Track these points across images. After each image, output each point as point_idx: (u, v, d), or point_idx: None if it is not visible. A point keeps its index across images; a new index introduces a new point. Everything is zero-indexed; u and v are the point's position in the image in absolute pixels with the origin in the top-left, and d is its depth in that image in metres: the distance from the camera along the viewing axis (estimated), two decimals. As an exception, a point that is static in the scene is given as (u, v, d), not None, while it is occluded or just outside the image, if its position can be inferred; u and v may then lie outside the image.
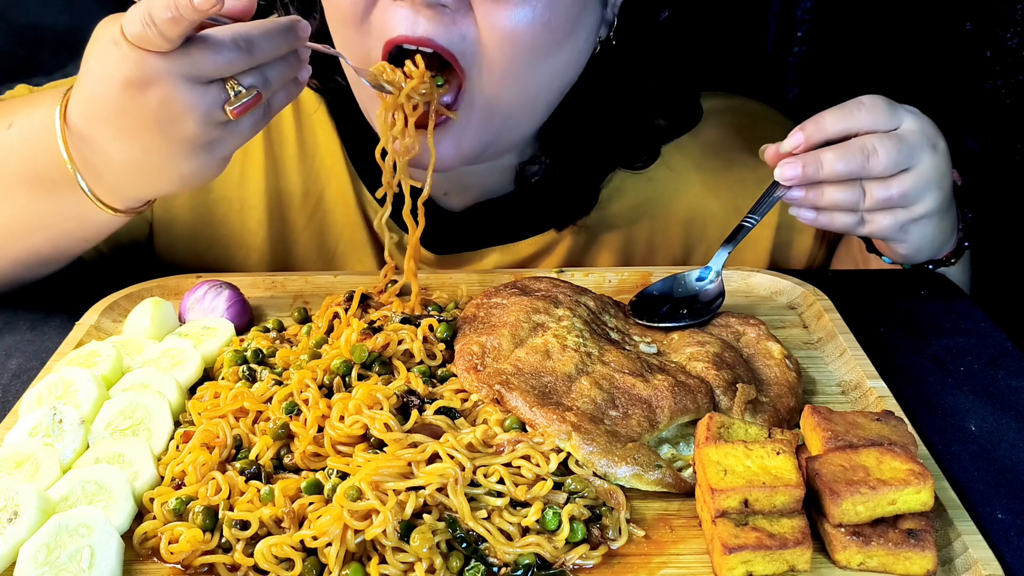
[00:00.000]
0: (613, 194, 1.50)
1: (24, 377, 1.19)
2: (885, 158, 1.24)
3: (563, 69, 1.30)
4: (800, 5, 1.98)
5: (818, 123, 1.28)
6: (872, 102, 1.28)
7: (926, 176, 1.27)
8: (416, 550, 0.89)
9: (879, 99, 1.29)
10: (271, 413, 1.05)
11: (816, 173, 1.26)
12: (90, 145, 1.11)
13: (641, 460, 0.99)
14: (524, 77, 1.25)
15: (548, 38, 1.22)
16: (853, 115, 1.28)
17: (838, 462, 0.92)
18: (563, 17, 1.22)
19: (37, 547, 0.87)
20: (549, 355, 1.11)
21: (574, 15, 1.24)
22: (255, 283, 1.37)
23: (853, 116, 1.28)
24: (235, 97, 1.05)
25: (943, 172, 1.30)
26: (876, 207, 1.27)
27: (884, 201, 1.27)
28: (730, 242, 1.30)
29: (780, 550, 0.87)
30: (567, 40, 1.26)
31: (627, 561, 0.92)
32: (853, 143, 1.26)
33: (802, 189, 1.28)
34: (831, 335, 1.25)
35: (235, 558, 0.91)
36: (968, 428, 1.14)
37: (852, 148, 1.25)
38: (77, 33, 1.94)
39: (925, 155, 1.27)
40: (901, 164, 1.26)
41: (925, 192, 1.28)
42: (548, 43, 1.23)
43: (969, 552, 0.90)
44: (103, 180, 1.15)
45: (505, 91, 1.25)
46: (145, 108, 1.04)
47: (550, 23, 1.21)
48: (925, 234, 1.34)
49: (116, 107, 1.06)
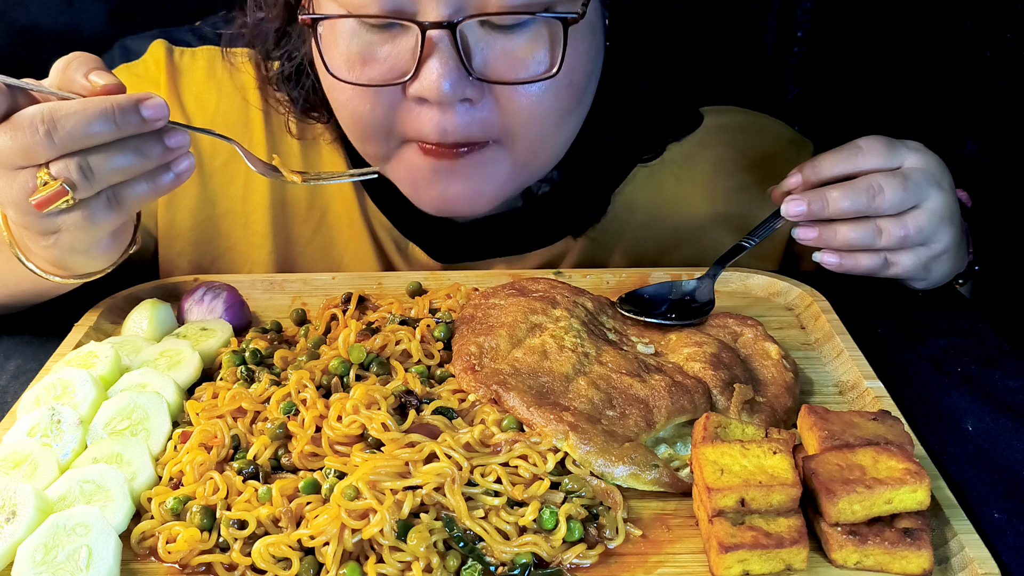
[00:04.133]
0: (622, 206, 1.50)
1: (23, 378, 1.20)
2: (891, 195, 1.26)
3: (585, 109, 1.29)
4: (800, 5, 1.98)
5: (815, 165, 1.31)
6: (869, 144, 1.31)
7: (938, 212, 1.29)
8: (413, 549, 0.89)
9: (877, 140, 1.31)
10: (269, 414, 1.05)
11: (822, 210, 1.28)
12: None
13: (638, 460, 0.99)
14: (551, 137, 1.25)
15: (573, 97, 1.21)
16: (852, 158, 1.30)
17: (834, 461, 0.92)
18: (583, 75, 1.21)
19: (35, 546, 0.88)
20: (546, 355, 1.11)
21: (592, 66, 1.23)
22: (253, 284, 1.38)
23: (852, 159, 1.30)
24: (41, 187, 0.98)
25: (953, 208, 1.32)
26: (896, 246, 1.29)
27: (902, 239, 1.29)
28: (726, 260, 1.33)
29: (776, 549, 0.87)
30: (590, 83, 1.25)
31: (624, 560, 0.92)
32: (859, 181, 1.28)
33: (815, 230, 1.29)
34: (828, 336, 1.25)
35: (233, 557, 0.91)
36: (965, 428, 1.14)
37: (858, 186, 1.27)
38: (77, 33, 1.95)
39: (933, 192, 1.29)
40: (908, 201, 1.28)
41: (940, 227, 1.30)
42: (572, 102, 1.22)
43: (965, 551, 0.91)
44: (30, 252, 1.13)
45: (534, 155, 1.26)
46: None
47: (572, 85, 1.20)
48: (945, 270, 1.37)
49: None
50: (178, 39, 1.49)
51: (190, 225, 1.49)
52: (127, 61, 1.48)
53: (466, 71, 1.13)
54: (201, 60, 1.47)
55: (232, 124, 1.46)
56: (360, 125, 1.25)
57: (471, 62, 1.13)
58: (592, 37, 1.22)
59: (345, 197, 1.48)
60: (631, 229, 1.50)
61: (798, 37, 2.01)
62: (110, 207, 1.04)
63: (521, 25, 1.13)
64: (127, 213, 1.07)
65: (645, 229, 1.51)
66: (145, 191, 1.05)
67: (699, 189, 1.51)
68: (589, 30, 1.20)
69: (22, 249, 1.13)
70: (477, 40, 1.14)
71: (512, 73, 1.15)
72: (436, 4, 1.10)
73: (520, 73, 1.15)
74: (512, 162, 1.25)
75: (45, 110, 0.97)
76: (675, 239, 1.52)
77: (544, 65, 1.15)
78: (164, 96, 1.43)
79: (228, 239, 1.50)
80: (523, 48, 1.14)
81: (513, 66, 1.15)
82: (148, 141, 1.01)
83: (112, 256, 1.16)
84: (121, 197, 1.04)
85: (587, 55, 1.21)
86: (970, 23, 1.91)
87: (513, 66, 1.15)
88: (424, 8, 1.11)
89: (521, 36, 1.14)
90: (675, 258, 1.50)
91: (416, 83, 1.14)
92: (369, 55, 1.17)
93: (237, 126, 1.45)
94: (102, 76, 1.02)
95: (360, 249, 1.50)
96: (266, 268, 1.50)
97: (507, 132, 1.21)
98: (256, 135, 1.46)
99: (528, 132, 1.21)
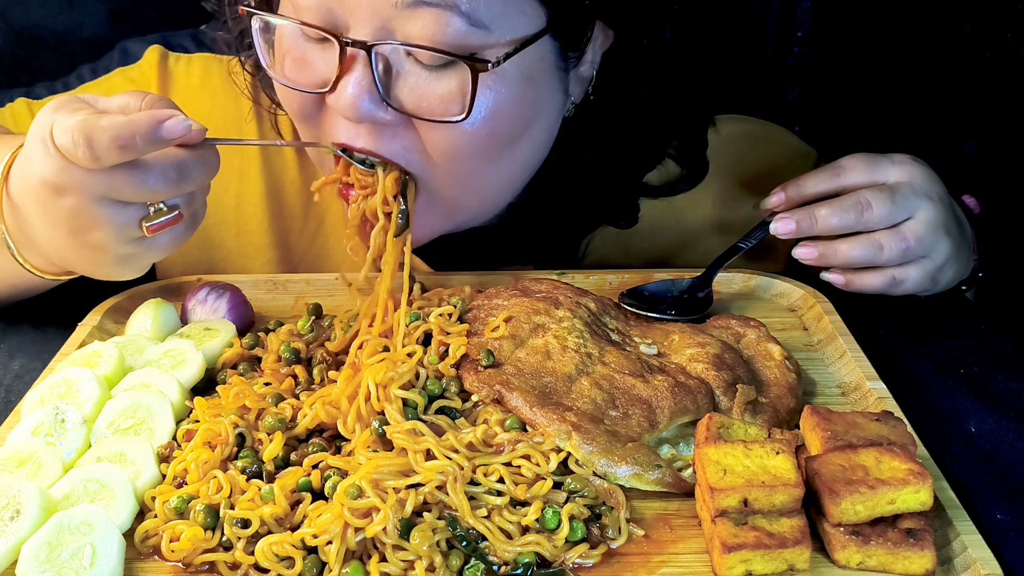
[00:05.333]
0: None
1: (27, 377, 1.20)
2: (879, 210, 1.29)
3: (526, 157, 1.26)
4: (800, 5, 1.99)
5: (798, 184, 1.34)
6: (851, 162, 1.34)
7: (932, 222, 1.30)
8: (416, 548, 0.89)
9: (859, 157, 1.33)
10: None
11: (811, 228, 1.31)
12: (21, 215, 1.10)
13: (641, 460, 1.00)
14: (478, 178, 1.23)
15: (495, 144, 1.19)
16: (834, 176, 1.33)
17: (837, 462, 0.92)
18: (510, 123, 1.19)
19: (39, 545, 0.88)
20: (549, 356, 1.11)
21: (526, 116, 1.20)
22: (256, 285, 1.38)
23: (835, 177, 1.33)
24: (154, 214, 1.05)
25: (947, 218, 1.33)
26: (899, 259, 1.31)
27: (905, 252, 1.30)
28: (723, 260, 1.35)
29: (779, 549, 0.88)
30: (523, 136, 1.22)
31: (626, 560, 0.92)
32: (846, 197, 1.31)
33: (815, 249, 1.32)
34: (831, 337, 1.25)
35: (236, 556, 0.91)
36: (968, 429, 1.14)
37: (846, 203, 1.30)
38: (77, 33, 1.96)
39: (922, 203, 1.30)
40: (897, 215, 1.30)
41: (937, 237, 1.31)
42: (497, 148, 1.20)
43: (968, 552, 0.91)
44: (31, 248, 1.14)
45: (462, 192, 1.24)
46: (59, 210, 1.03)
47: (494, 133, 1.17)
48: (949, 278, 1.38)
49: (38, 198, 1.05)
50: (176, 44, 1.49)
51: None
52: (124, 64, 1.48)
53: (379, 95, 1.13)
54: (196, 67, 1.46)
55: (225, 134, 1.43)
56: (291, 112, 1.26)
57: (388, 88, 1.13)
58: (528, 87, 1.18)
59: (343, 209, 1.47)
60: (637, 236, 1.50)
61: (798, 37, 2.01)
62: (191, 227, 1.11)
63: (444, 65, 1.12)
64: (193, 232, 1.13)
65: (652, 236, 1.50)
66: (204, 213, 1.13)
67: (706, 197, 1.50)
68: (523, 81, 1.17)
69: (18, 246, 1.14)
70: (399, 69, 1.13)
71: (426, 108, 1.14)
72: (363, 25, 1.10)
73: (433, 110, 1.14)
74: (441, 206, 1.24)
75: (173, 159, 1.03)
76: (681, 245, 1.52)
77: (457, 107, 1.13)
78: None
79: (222, 250, 1.49)
80: (441, 87, 1.13)
81: (428, 101, 1.13)
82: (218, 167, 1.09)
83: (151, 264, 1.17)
84: (197, 219, 1.12)
85: (518, 104, 1.18)
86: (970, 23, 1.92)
87: (428, 101, 1.13)
88: (353, 27, 1.12)
89: (441, 75, 1.13)
90: (680, 264, 1.50)
91: (332, 96, 1.15)
92: (301, 57, 1.17)
93: (230, 135, 1.44)
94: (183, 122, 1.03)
95: (358, 258, 1.49)
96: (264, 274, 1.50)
97: (427, 166, 1.19)
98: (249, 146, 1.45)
99: (447, 170, 1.19)
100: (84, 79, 1.49)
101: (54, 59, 1.96)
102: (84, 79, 1.49)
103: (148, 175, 1.01)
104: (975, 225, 1.43)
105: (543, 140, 1.27)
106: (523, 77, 1.16)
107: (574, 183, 1.35)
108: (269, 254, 1.49)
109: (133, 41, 1.52)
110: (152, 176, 1.02)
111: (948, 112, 1.95)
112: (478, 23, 1.09)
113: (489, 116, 1.15)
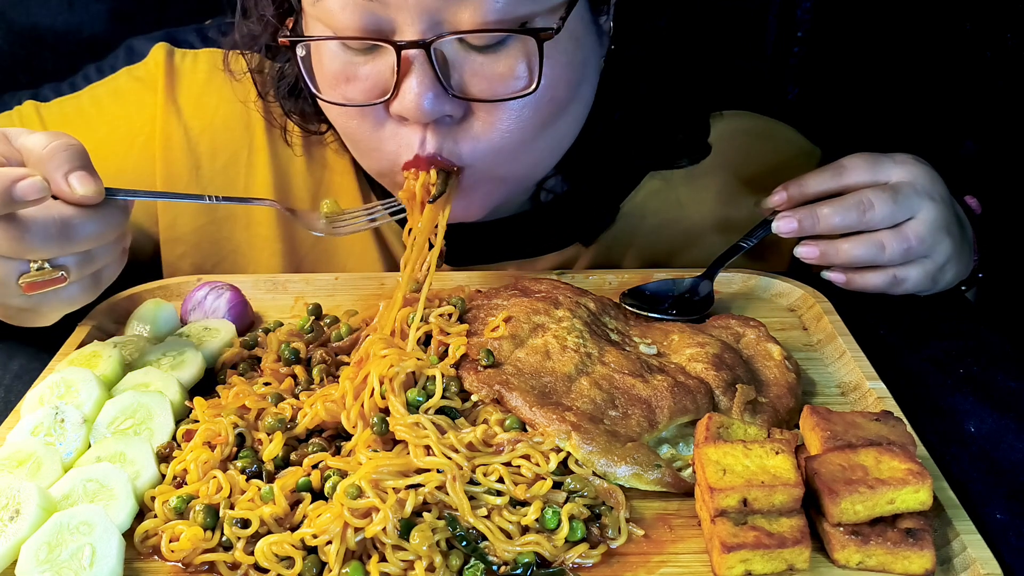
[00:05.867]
0: (633, 211, 1.49)
1: (26, 377, 1.20)
2: (881, 209, 1.29)
3: (574, 119, 1.27)
4: (800, 5, 1.99)
5: (800, 184, 1.35)
6: (853, 162, 1.34)
7: (934, 222, 1.31)
8: (416, 548, 0.89)
9: (861, 157, 1.34)
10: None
11: (813, 227, 1.31)
12: None
13: (640, 460, 1.00)
14: (530, 151, 1.23)
15: (554, 111, 1.19)
16: (836, 176, 1.33)
17: (837, 462, 0.92)
18: (566, 87, 1.19)
19: (39, 545, 0.88)
20: (549, 355, 1.11)
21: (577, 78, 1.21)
22: (256, 284, 1.38)
23: (837, 177, 1.33)
24: (36, 272, 0.99)
25: (948, 218, 1.33)
26: (900, 259, 1.31)
27: (906, 252, 1.31)
28: (724, 260, 1.35)
29: (779, 549, 0.88)
30: (580, 92, 1.23)
31: (626, 560, 0.92)
32: (848, 197, 1.31)
33: (817, 248, 1.32)
34: (831, 337, 1.25)
35: (236, 556, 0.91)
36: (967, 429, 1.14)
37: (848, 202, 1.31)
38: (77, 33, 1.96)
39: (924, 203, 1.31)
40: (899, 214, 1.30)
41: (938, 237, 1.32)
42: (554, 114, 1.20)
43: (968, 552, 0.91)
44: None
45: (511, 169, 1.24)
46: None
47: (554, 99, 1.18)
48: (949, 279, 1.38)
49: None
50: (182, 40, 1.49)
51: (191, 229, 1.48)
52: (131, 63, 1.48)
53: (443, 88, 1.12)
54: (203, 63, 1.46)
55: (232, 129, 1.45)
56: (351, 141, 1.26)
57: (449, 79, 1.13)
58: (576, 48, 1.19)
59: (352, 199, 1.47)
60: (642, 233, 1.50)
61: (798, 37, 2.01)
62: (87, 290, 1.07)
63: (498, 43, 1.12)
64: (99, 292, 1.10)
65: (655, 233, 1.51)
66: (115, 271, 1.10)
67: (710, 194, 1.51)
68: (571, 42, 1.18)
69: None
70: (455, 58, 1.13)
71: (491, 90, 1.14)
72: (411, 24, 1.09)
73: (499, 90, 1.14)
74: (491, 180, 1.24)
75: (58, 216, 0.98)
76: (685, 243, 1.52)
77: (523, 81, 1.13)
78: (161, 101, 1.44)
79: (230, 242, 1.50)
80: (501, 65, 1.13)
81: (491, 83, 1.13)
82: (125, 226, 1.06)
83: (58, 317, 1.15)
84: (101, 280, 1.08)
85: (571, 67, 1.19)
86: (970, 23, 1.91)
87: (491, 83, 1.13)
88: (401, 28, 1.11)
89: (499, 53, 1.13)
90: (683, 261, 1.50)
91: (396, 102, 1.14)
92: (351, 74, 1.16)
93: (237, 131, 1.45)
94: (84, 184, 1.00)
95: (366, 251, 1.49)
96: (271, 271, 1.49)
97: (485, 152, 1.19)
98: (257, 139, 1.45)
99: (503, 147, 1.19)
100: (91, 79, 1.49)
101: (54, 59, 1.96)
102: (91, 79, 1.49)
103: (26, 231, 0.97)
104: (976, 226, 1.43)
105: (588, 99, 1.28)
106: (571, 38, 1.17)
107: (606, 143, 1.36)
108: (276, 246, 1.49)
109: (139, 39, 1.52)
110: (30, 233, 0.97)
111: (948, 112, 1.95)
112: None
113: (550, 84, 1.15)
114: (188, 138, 1.44)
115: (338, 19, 1.12)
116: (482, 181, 1.22)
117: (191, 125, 1.44)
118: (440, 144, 1.16)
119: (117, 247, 1.07)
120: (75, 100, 1.48)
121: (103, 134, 1.44)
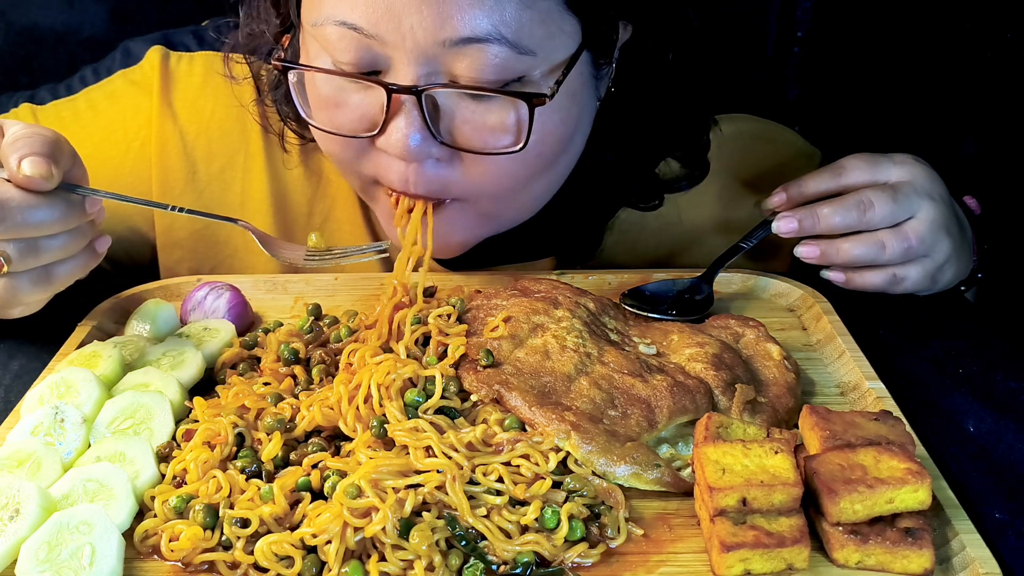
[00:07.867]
0: (635, 212, 1.49)
1: (26, 377, 1.20)
2: (881, 209, 1.29)
3: (566, 164, 1.27)
4: (800, 5, 1.99)
5: (800, 184, 1.35)
6: (853, 162, 1.34)
7: (934, 222, 1.31)
8: (415, 548, 0.89)
9: (860, 157, 1.34)
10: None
11: (813, 227, 1.32)
12: None
13: (640, 459, 1.00)
14: (522, 194, 1.23)
15: (543, 164, 1.19)
16: (836, 176, 1.34)
17: (836, 461, 0.92)
18: (557, 143, 1.19)
19: (38, 544, 0.88)
20: (548, 355, 1.11)
21: (570, 132, 1.20)
22: (256, 285, 1.38)
23: (836, 177, 1.33)
24: None
25: (948, 218, 1.34)
26: (900, 258, 1.32)
27: (906, 251, 1.31)
28: (724, 260, 1.36)
29: (778, 548, 0.88)
30: (571, 144, 1.23)
31: (626, 560, 0.92)
32: (848, 197, 1.32)
33: (817, 248, 1.32)
34: (830, 337, 1.25)
35: (235, 556, 0.91)
36: (967, 429, 1.14)
37: (848, 202, 1.31)
38: (77, 33, 1.96)
39: (924, 203, 1.31)
40: (899, 214, 1.30)
41: (938, 237, 1.32)
42: (544, 166, 1.20)
43: (967, 551, 0.91)
44: None
45: (504, 208, 1.24)
46: None
47: (543, 154, 1.17)
48: (948, 278, 1.38)
49: None
50: (178, 43, 1.48)
51: (188, 233, 1.48)
52: (127, 66, 1.48)
53: (431, 134, 1.12)
54: (198, 66, 1.46)
55: (228, 132, 1.44)
56: (334, 161, 1.26)
57: (438, 125, 1.12)
58: (572, 104, 1.18)
59: (348, 203, 1.46)
60: (642, 234, 1.50)
61: (798, 37, 2.01)
62: (38, 283, 1.07)
63: (491, 97, 1.11)
64: (54, 290, 1.09)
65: (656, 235, 1.51)
66: (72, 269, 1.09)
67: (710, 196, 1.50)
68: (567, 98, 1.17)
69: None
70: (446, 103, 1.12)
71: (479, 142, 1.13)
72: (407, 64, 1.09)
73: (488, 142, 1.13)
74: (477, 214, 1.24)
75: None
76: (685, 244, 1.52)
77: (510, 138, 1.13)
78: (157, 105, 1.43)
79: (228, 246, 1.49)
80: (492, 117, 1.12)
81: (480, 135, 1.13)
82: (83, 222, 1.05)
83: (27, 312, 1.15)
84: (52, 275, 1.07)
85: (564, 123, 1.18)
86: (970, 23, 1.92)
87: (480, 135, 1.13)
88: (396, 67, 1.10)
89: (490, 107, 1.12)
90: (683, 262, 1.50)
91: (383, 139, 1.14)
92: (342, 100, 1.16)
93: (233, 135, 1.44)
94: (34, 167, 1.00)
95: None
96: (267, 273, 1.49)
97: (471, 192, 1.19)
98: (253, 143, 1.45)
99: (492, 193, 1.20)
100: (87, 81, 1.49)
101: (54, 59, 1.96)
102: (87, 81, 1.49)
103: None
104: (975, 226, 1.44)
105: (580, 146, 1.28)
106: (567, 96, 1.16)
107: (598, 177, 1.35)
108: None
109: (135, 41, 1.51)
110: None
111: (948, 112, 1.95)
112: (525, 50, 1.09)
113: (540, 141, 1.15)
114: (184, 142, 1.44)
115: (335, 47, 1.11)
116: (466, 212, 1.22)
117: (187, 129, 1.44)
118: (424, 182, 1.17)
119: (72, 244, 1.06)
120: (71, 103, 1.47)
121: (99, 138, 1.43)
